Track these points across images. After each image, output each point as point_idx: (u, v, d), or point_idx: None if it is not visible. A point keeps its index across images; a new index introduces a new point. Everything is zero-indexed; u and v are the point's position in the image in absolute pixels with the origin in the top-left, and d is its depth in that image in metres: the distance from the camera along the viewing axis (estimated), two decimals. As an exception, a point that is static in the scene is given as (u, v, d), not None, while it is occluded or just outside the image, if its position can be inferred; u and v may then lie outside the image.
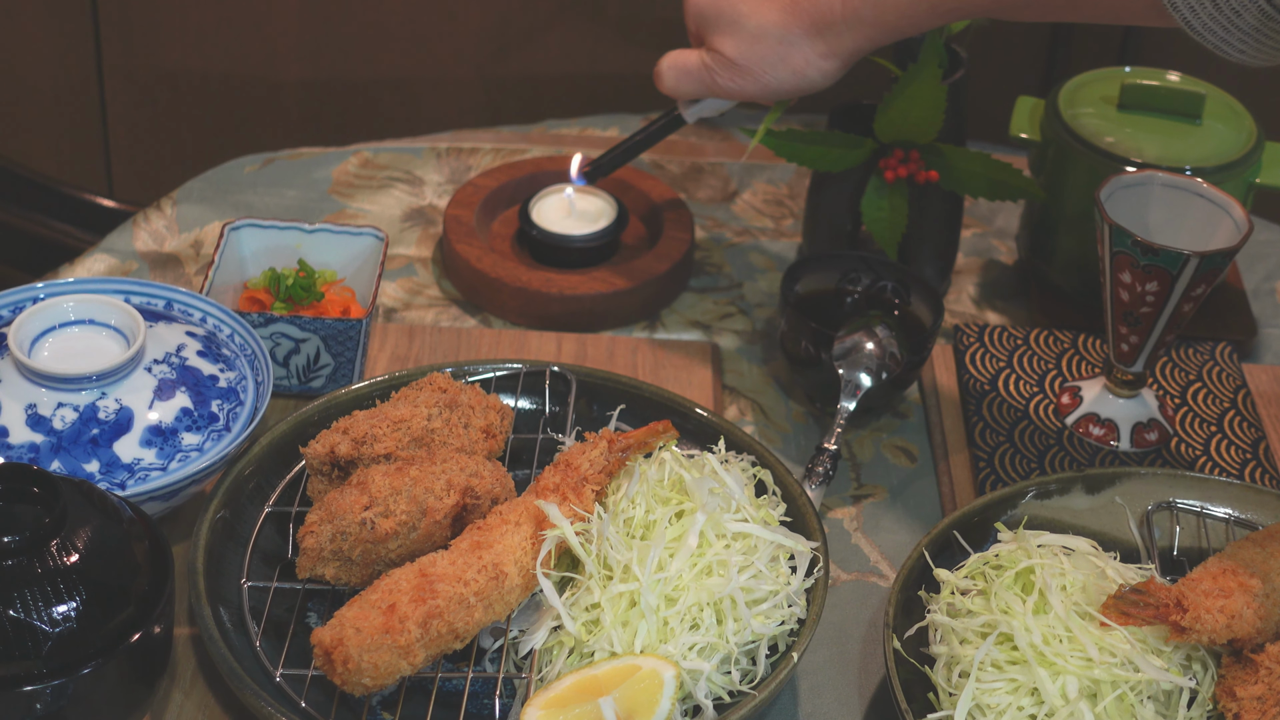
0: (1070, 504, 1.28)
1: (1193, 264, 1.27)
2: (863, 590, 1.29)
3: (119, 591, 1.08)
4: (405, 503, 1.14)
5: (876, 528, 1.35)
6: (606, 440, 1.20)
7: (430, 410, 1.22)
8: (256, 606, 1.17)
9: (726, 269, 1.62)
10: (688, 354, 1.48)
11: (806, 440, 1.42)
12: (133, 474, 1.20)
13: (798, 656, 1.13)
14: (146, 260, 1.56)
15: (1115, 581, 1.15)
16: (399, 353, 1.46)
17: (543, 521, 1.14)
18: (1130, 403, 1.39)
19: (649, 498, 1.18)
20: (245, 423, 1.25)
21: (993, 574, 1.17)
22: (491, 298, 1.52)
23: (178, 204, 1.64)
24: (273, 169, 1.69)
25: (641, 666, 1.10)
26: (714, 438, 1.29)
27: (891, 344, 1.38)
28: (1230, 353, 1.50)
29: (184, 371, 1.25)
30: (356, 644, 1.05)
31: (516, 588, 1.12)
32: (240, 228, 1.44)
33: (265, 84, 2.35)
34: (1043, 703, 1.10)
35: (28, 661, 1.04)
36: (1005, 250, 1.68)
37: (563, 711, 1.07)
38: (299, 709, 1.10)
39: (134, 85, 2.37)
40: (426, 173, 1.71)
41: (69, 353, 1.24)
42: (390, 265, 1.58)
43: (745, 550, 1.16)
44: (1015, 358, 1.47)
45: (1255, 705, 1.10)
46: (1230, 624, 1.11)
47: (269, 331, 1.35)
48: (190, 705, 1.16)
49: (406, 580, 1.09)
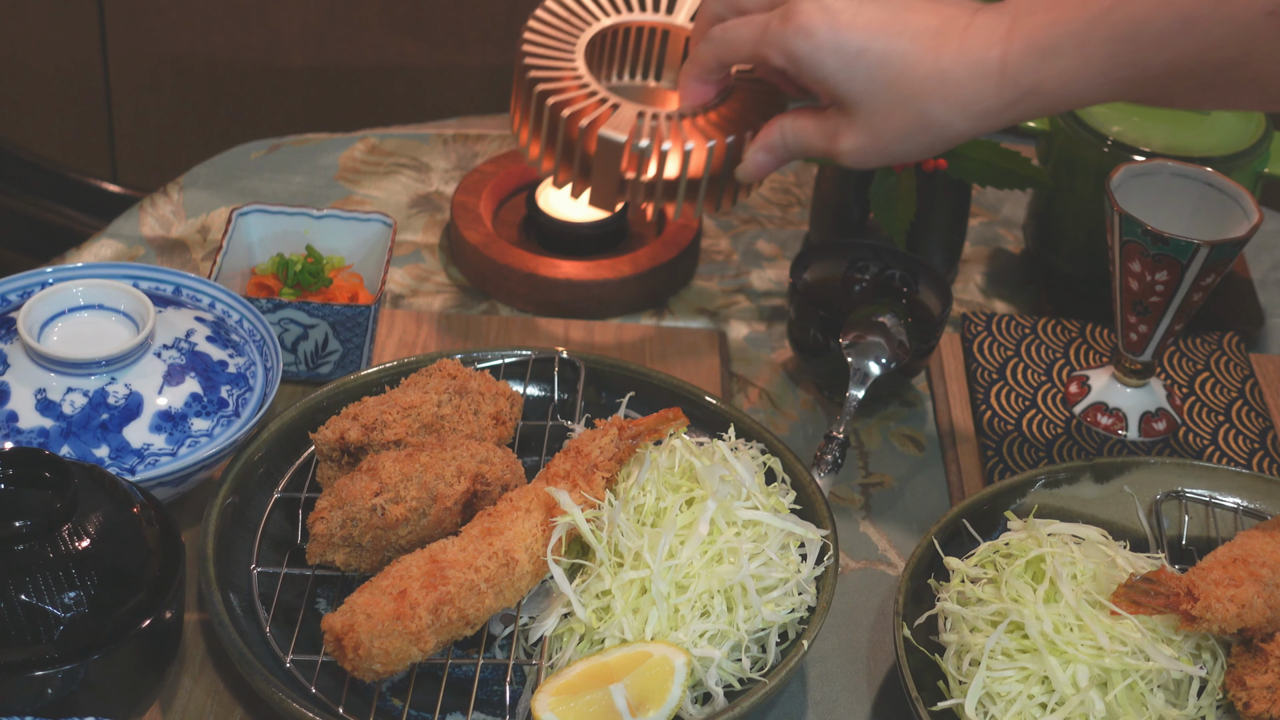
0: (1079, 493, 1.28)
1: (1203, 253, 1.26)
2: (871, 578, 1.29)
3: (130, 577, 1.08)
4: (416, 489, 1.13)
5: (884, 516, 1.35)
6: (617, 427, 1.20)
7: (440, 396, 1.22)
8: (266, 592, 1.17)
9: (734, 257, 1.62)
10: (695, 341, 1.48)
11: (814, 428, 1.42)
12: (142, 459, 1.20)
13: (808, 644, 1.13)
14: (153, 246, 1.56)
15: (1125, 570, 1.15)
16: (406, 339, 1.46)
17: (553, 508, 1.14)
18: (1138, 392, 1.39)
19: (659, 485, 1.18)
20: (255, 408, 1.25)
21: (1003, 562, 1.17)
22: (499, 284, 1.52)
23: (184, 189, 1.63)
24: (279, 155, 1.69)
25: (652, 654, 1.10)
26: (723, 425, 1.29)
27: (900, 332, 1.38)
28: (1238, 342, 1.50)
29: (193, 357, 1.25)
30: (367, 630, 1.05)
31: (527, 574, 1.12)
32: (248, 213, 1.44)
33: (271, 69, 2.35)
34: (1053, 691, 1.10)
35: (39, 646, 1.04)
36: (1012, 239, 1.68)
37: (573, 698, 1.07)
38: (309, 695, 1.10)
39: (139, 70, 2.36)
40: (433, 159, 1.71)
41: (78, 338, 1.24)
42: (397, 251, 1.58)
43: (755, 538, 1.16)
44: (1023, 346, 1.47)
45: (1265, 694, 1.10)
46: (1241, 613, 1.11)
47: (277, 317, 1.35)
48: (200, 691, 1.16)
49: (417, 566, 1.09)
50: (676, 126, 1.34)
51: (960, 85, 1.20)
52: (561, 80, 1.36)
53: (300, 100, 2.40)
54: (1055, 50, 1.16)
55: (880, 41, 1.21)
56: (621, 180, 1.34)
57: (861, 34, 1.21)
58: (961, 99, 1.20)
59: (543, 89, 1.35)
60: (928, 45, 1.20)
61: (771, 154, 1.32)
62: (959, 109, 1.21)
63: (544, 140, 1.36)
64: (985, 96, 1.19)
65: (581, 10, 1.43)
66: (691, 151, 1.33)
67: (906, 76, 1.21)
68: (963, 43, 1.19)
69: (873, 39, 1.21)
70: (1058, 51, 1.16)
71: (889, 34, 1.21)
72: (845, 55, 1.22)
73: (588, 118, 1.33)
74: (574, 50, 1.39)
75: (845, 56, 1.22)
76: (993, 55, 1.18)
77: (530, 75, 1.36)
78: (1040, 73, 1.17)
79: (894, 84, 1.21)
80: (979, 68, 1.19)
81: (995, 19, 1.20)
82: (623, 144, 1.32)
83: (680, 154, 1.33)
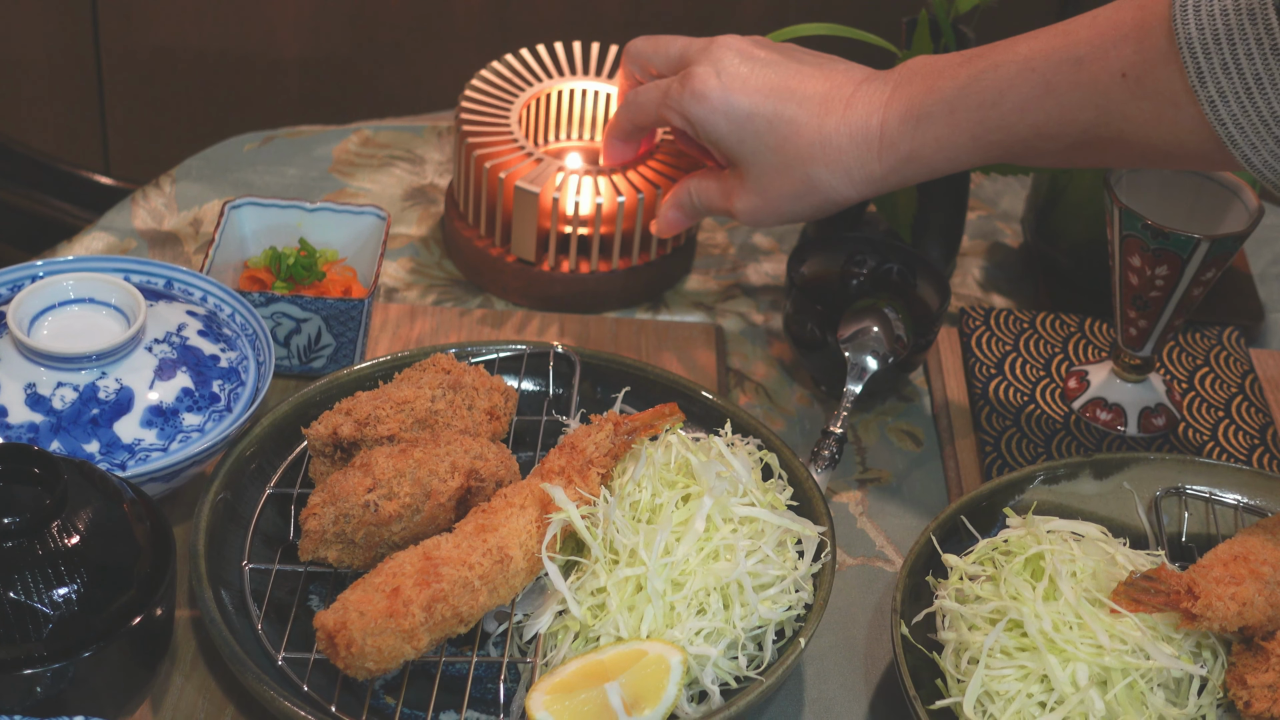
0: (1078, 489, 1.27)
1: (1203, 248, 1.26)
2: (868, 575, 1.28)
3: (120, 574, 1.07)
4: (409, 485, 1.12)
5: (882, 512, 1.34)
6: (612, 423, 1.19)
7: (434, 391, 1.21)
8: (258, 589, 1.16)
9: (730, 251, 1.61)
10: (691, 336, 1.47)
11: (811, 424, 1.41)
12: (133, 455, 1.19)
13: (805, 642, 1.12)
14: (145, 238, 1.55)
15: (1125, 568, 1.14)
16: (400, 333, 1.45)
17: (548, 505, 1.13)
18: (1138, 387, 1.38)
19: (655, 481, 1.17)
20: (246, 403, 1.24)
21: (1002, 560, 1.17)
22: (493, 278, 1.51)
23: (177, 182, 1.62)
24: (272, 147, 1.68)
25: (648, 652, 1.09)
26: (720, 420, 1.28)
27: (898, 327, 1.37)
28: (1237, 337, 1.49)
29: (185, 351, 1.24)
30: (360, 627, 1.04)
31: (521, 571, 1.11)
32: (241, 206, 1.43)
33: (265, 61, 2.34)
34: (1052, 690, 1.09)
35: (28, 644, 1.03)
36: (1011, 233, 1.67)
37: (568, 697, 1.07)
38: (302, 693, 1.09)
39: (132, 62, 2.35)
40: (428, 151, 1.70)
41: (68, 332, 1.23)
42: (391, 245, 1.57)
43: (752, 534, 1.16)
44: (1022, 341, 1.46)
45: (1266, 693, 1.09)
46: (1242, 611, 1.10)
47: (270, 311, 1.34)
48: (191, 689, 1.15)
49: (410, 563, 1.08)
50: (594, 181, 1.44)
51: (842, 152, 1.27)
52: (493, 137, 1.48)
53: (294, 92, 2.39)
54: (928, 117, 1.23)
55: (768, 106, 1.28)
56: (541, 232, 1.45)
57: (751, 98, 1.28)
58: (845, 165, 1.27)
59: (472, 143, 1.46)
60: (814, 111, 1.27)
61: (681, 211, 1.41)
62: (843, 174, 1.27)
63: (473, 194, 1.48)
64: (868, 163, 1.26)
65: (522, 73, 1.55)
66: (601, 205, 1.43)
67: (793, 141, 1.28)
68: (846, 111, 1.26)
69: (761, 103, 1.28)
70: (930, 119, 1.23)
71: (777, 99, 1.28)
72: (735, 118, 1.29)
73: (507, 170, 1.44)
74: (509, 111, 1.50)
75: (735, 119, 1.29)
76: (873, 123, 1.25)
77: (464, 129, 1.47)
78: (915, 140, 1.24)
79: (780, 148, 1.28)
80: (860, 135, 1.26)
81: (878, 88, 1.26)
82: (537, 194, 1.42)
83: (592, 206, 1.44)
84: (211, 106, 2.37)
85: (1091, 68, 1.14)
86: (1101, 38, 1.14)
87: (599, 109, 1.56)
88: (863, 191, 1.29)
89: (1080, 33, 1.16)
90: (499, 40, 2.39)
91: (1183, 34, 1.08)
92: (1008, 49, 1.20)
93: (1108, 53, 1.13)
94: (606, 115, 1.56)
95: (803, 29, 1.45)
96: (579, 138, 1.58)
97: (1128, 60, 1.12)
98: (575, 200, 1.45)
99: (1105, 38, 1.14)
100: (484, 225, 1.49)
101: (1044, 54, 1.17)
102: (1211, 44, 1.07)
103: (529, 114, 1.53)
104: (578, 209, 1.45)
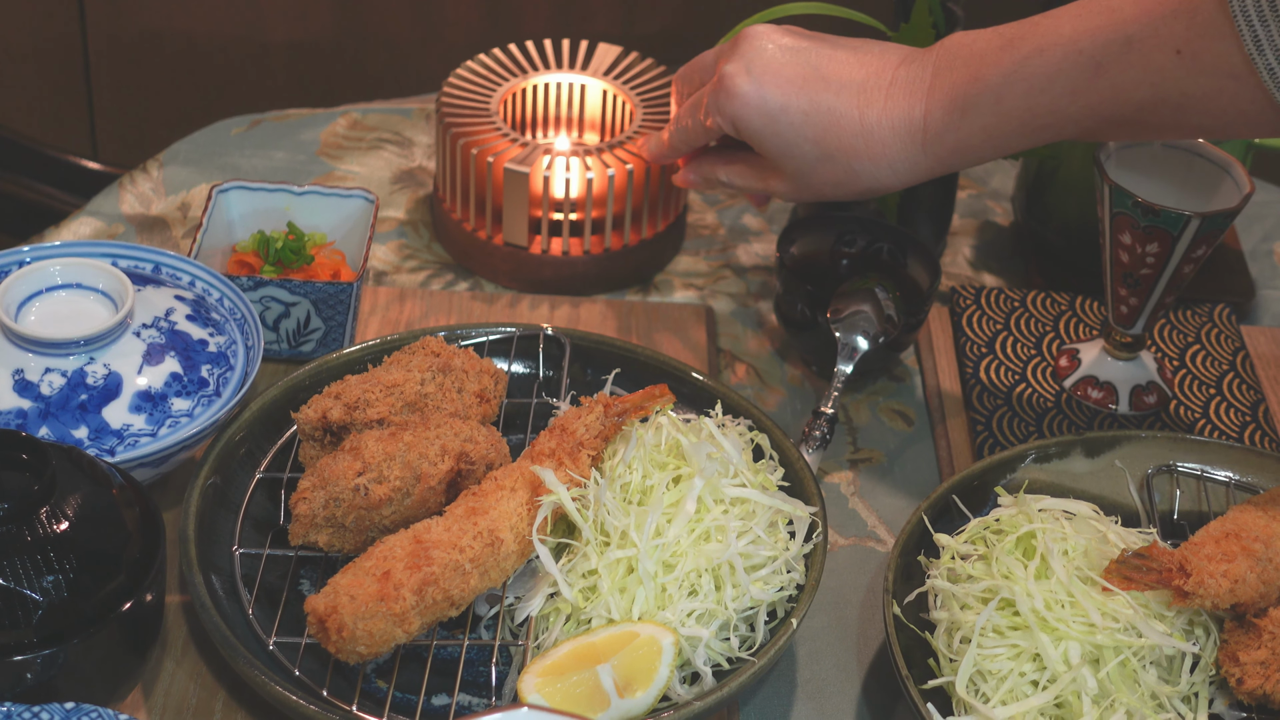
0: (1070, 468, 1.27)
1: (1194, 225, 1.25)
2: (860, 555, 1.28)
3: (109, 559, 1.07)
4: (399, 468, 1.12)
5: (874, 492, 1.34)
6: (602, 404, 1.19)
7: (423, 375, 1.20)
8: (249, 574, 1.16)
9: (720, 231, 1.61)
10: (681, 317, 1.47)
11: (802, 404, 1.41)
12: (122, 440, 1.18)
13: (797, 622, 1.12)
14: (133, 223, 1.54)
15: (1117, 546, 1.14)
16: (390, 316, 1.45)
17: (538, 487, 1.13)
18: (1129, 365, 1.38)
19: (646, 462, 1.17)
20: (235, 388, 1.24)
21: (993, 539, 1.16)
22: (483, 261, 1.50)
23: (164, 166, 1.62)
24: (260, 130, 1.67)
25: (639, 633, 1.09)
26: (710, 401, 1.28)
27: (888, 306, 1.36)
28: (1229, 314, 1.49)
29: (173, 336, 1.24)
30: (351, 612, 1.04)
31: (512, 554, 1.11)
32: (228, 190, 1.42)
33: (252, 44, 2.33)
34: (1045, 668, 1.09)
35: (17, 631, 1.03)
36: (1001, 211, 1.66)
37: (560, 679, 1.06)
38: (293, 677, 1.09)
39: (118, 45, 2.34)
40: (416, 134, 1.69)
41: (56, 317, 1.22)
42: (380, 228, 1.56)
43: (743, 515, 1.15)
44: (1013, 320, 1.46)
45: (1258, 670, 1.09)
46: (1234, 588, 1.10)
47: (258, 295, 1.33)
48: (182, 674, 1.14)
49: (401, 547, 1.08)
50: (582, 160, 1.44)
51: (886, 145, 1.24)
52: (475, 124, 1.48)
53: (281, 75, 2.38)
54: (974, 108, 1.20)
55: (803, 97, 1.25)
56: (531, 215, 1.45)
57: (784, 89, 1.25)
58: (889, 158, 1.24)
59: (456, 131, 1.46)
60: (852, 101, 1.24)
61: (706, 183, 1.37)
62: (886, 167, 1.25)
63: (460, 182, 1.48)
64: (913, 155, 1.24)
65: (500, 68, 1.55)
66: (593, 181, 1.43)
67: (834, 133, 1.25)
68: (887, 101, 1.23)
69: (796, 95, 1.25)
70: (977, 109, 1.20)
71: (812, 89, 1.25)
72: (769, 112, 1.26)
73: (494, 155, 1.44)
74: (489, 101, 1.50)
75: (769, 113, 1.26)
76: (915, 114, 1.22)
77: (446, 119, 1.48)
78: (962, 131, 1.21)
79: (820, 140, 1.25)
80: (903, 127, 1.23)
81: (917, 73, 1.23)
82: (526, 175, 1.42)
83: (582, 184, 1.43)
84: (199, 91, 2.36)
85: (1143, 46, 1.11)
86: (1149, 14, 1.11)
87: (575, 102, 1.56)
88: (906, 181, 1.26)
89: (1126, 10, 1.12)
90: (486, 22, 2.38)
91: (1237, 3, 1.06)
92: (1051, 30, 1.16)
93: (1158, 30, 1.10)
94: (583, 109, 1.56)
95: (791, 8, 1.45)
96: (557, 131, 1.58)
97: (1180, 36, 1.09)
98: (566, 178, 1.44)
99: (1152, 14, 1.10)
100: (472, 213, 1.49)
101: (1090, 34, 1.14)
102: (1268, 10, 1.05)
103: (507, 107, 1.54)
104: (568, 188, 1.45)
